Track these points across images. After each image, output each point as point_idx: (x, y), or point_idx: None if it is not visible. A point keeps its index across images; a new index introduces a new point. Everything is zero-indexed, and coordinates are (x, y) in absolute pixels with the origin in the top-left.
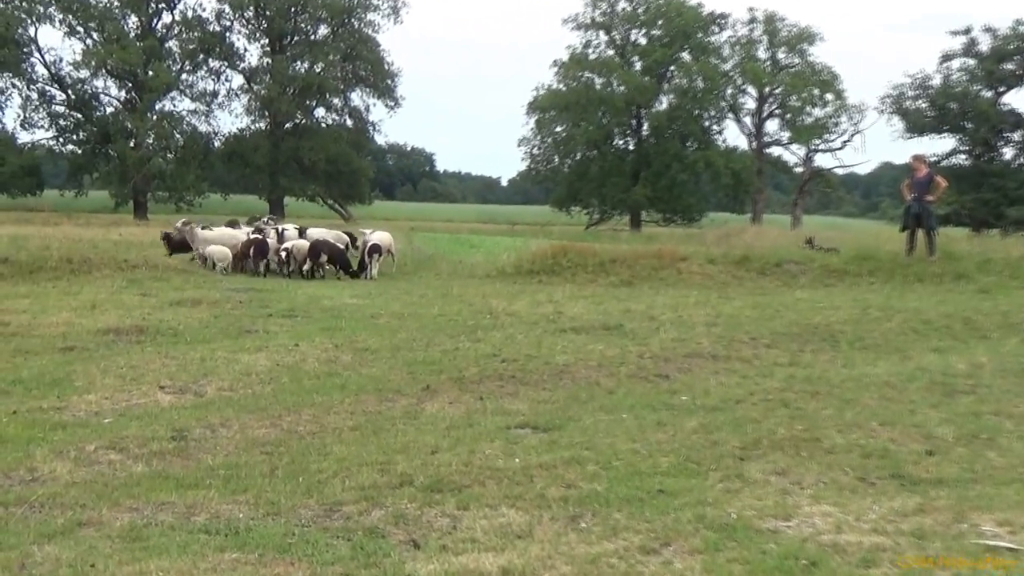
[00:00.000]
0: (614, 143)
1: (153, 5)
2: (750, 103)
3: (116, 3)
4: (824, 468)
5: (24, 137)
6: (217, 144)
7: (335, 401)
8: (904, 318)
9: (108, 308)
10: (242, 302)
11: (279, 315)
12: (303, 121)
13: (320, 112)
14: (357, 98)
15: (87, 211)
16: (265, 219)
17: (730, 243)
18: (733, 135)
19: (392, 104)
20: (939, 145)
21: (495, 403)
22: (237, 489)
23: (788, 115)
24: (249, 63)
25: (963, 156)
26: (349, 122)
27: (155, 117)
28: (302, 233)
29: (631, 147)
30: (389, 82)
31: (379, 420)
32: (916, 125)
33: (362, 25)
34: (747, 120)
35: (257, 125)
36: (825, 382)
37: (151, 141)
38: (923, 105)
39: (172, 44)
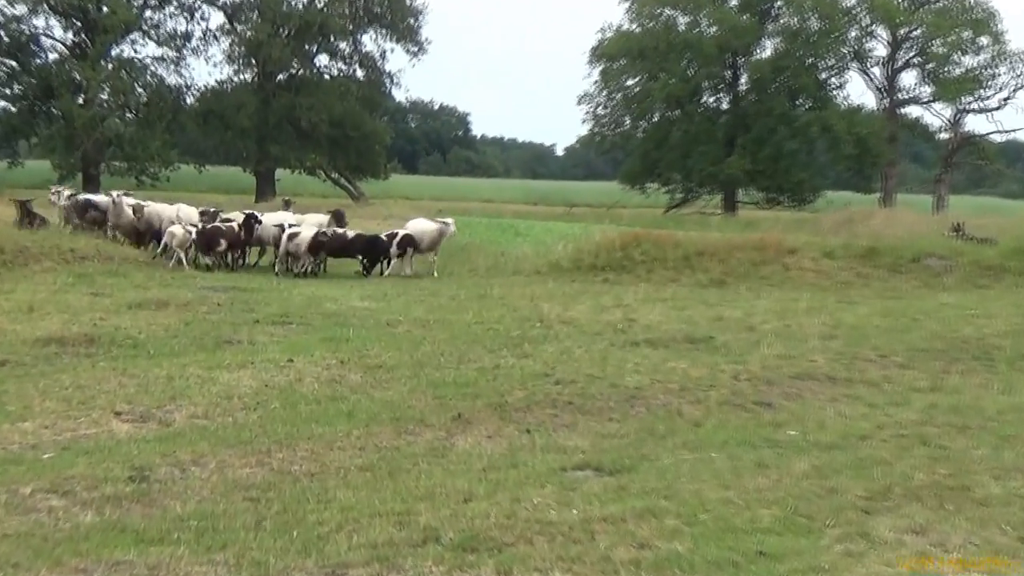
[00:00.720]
0: (702, 101)
1: None
2: (880, 49)
3: None
4: (975, 525)
5: None
6: (190, 101)
7: (340, 433)
8: None
9: (49, 311)
10: (220, 304)
11: (268, 321)
12: (300, 71)
13: (323, 60)
14: (370, 41)
15: (23, 186)
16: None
17: (853, 231)
18: (858, 91)
19: (415, 49)
20: None
21: (546, 437)
22: (213, 546)
23: (930, 65)
24: None
25: None
26: (360, 73)
27: (111, 66)
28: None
29: (725, 106)
30: (411, 21)
31: (396, 458)
32: None
33: None
34: (876, 71)
35: (241, 76)
36: (977, 413)
37: (105, 96)
38: None
39: None
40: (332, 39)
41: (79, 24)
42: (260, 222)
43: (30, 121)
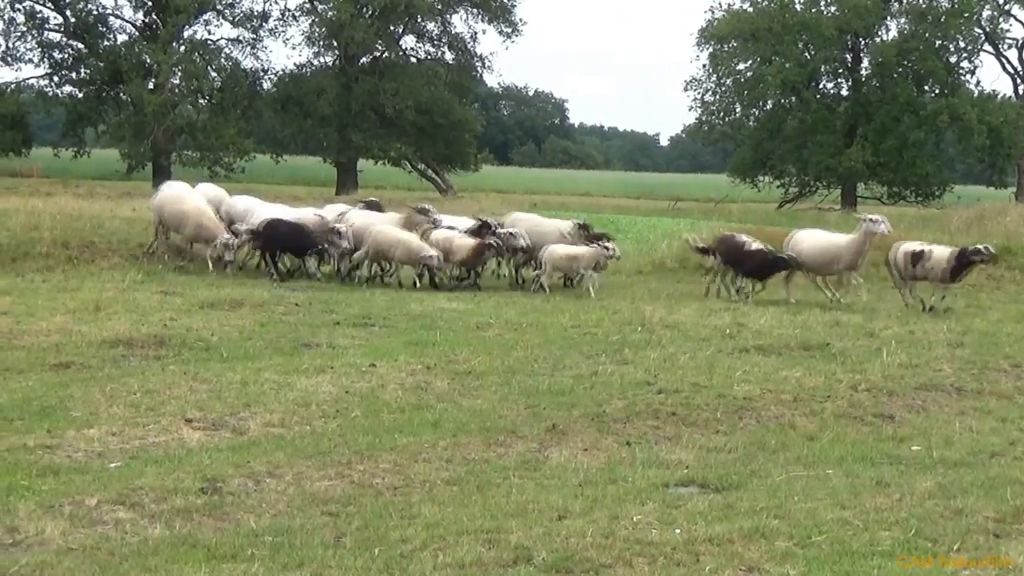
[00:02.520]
0: (820, 87)
1: None
2: (1016, 30)
3: None
4: None
5: (5, 75)
6: (267, 86)
7: (425, 444)
8: None
9: (117, 311)
10: (298, 305)
11: (349, 324)
12: (385, 54)
13: (409, 42)
14: (460, 22)
15: (90, 177)
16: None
17: (984, 229)
18: (991, 76)
19: (509, 31)
20: None
21: (647, 451)
22: (290, 563)
23: None
24: None
25: None
26: (449, 56)
27: (183, 48)
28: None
29: (844, 93)
30: (505, 0)
31: (485, 471)
32: None
33: None
34: (1011, 55)
35: (322, 60)
36: None
37: (177, 81)
38: None
39: None
40: (419, 19)
41: (150, 3)
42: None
43: (97, 107)
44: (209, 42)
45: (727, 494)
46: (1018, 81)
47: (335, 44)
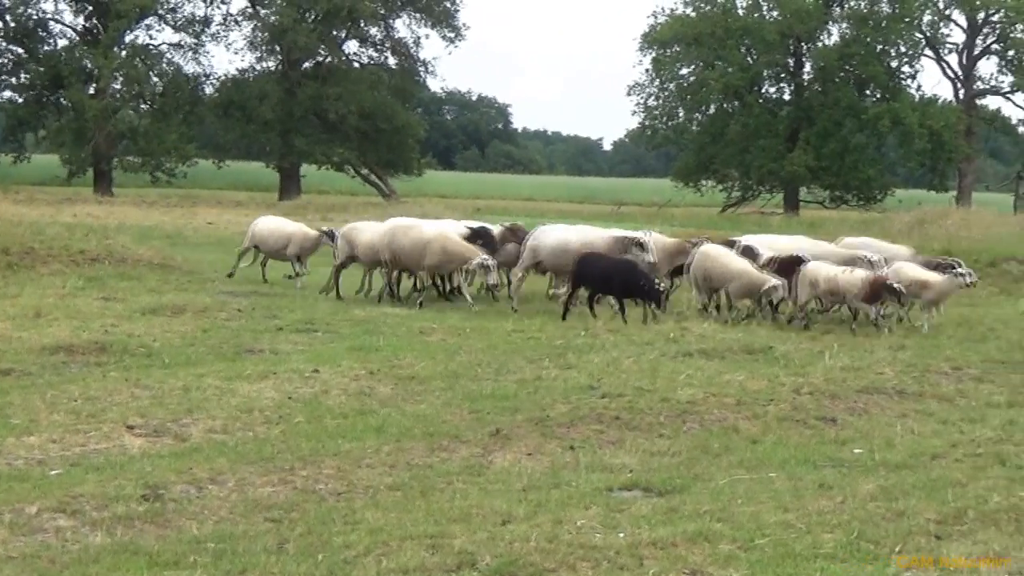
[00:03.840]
0: (763, 91)
1: None
2: (956, 35)
3: None
4: None
5: None
6: (209, 91)
7: (368, 449)
8: None
9: (57, 317)
10: (241, 311)
11: (292, 329)
12: (328, 59)
13: (352, 47)
14: (403, 27)
15: (30, 183)
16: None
17: (925, 233)
18: (931, 81)
19: (452, 35)
20: None
21: (591, 455)
22: (232, 570)
23: (1010, 52)
24: None
25: None
26: (392, 61)
27: (124, 53)
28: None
29: (787, 97)
30: (448, 4)
31: (429, 476)
32: None
33: None
34: (951, 59)
35: (264, 64)
36: None
37: (119, 86)
38: None
39: None
40: (362, 24)
41: (90, 8)
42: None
43: (37, 113)
44: (151, 47)
45: (670, 498)
46: (958, 85)
47: (278, 49)
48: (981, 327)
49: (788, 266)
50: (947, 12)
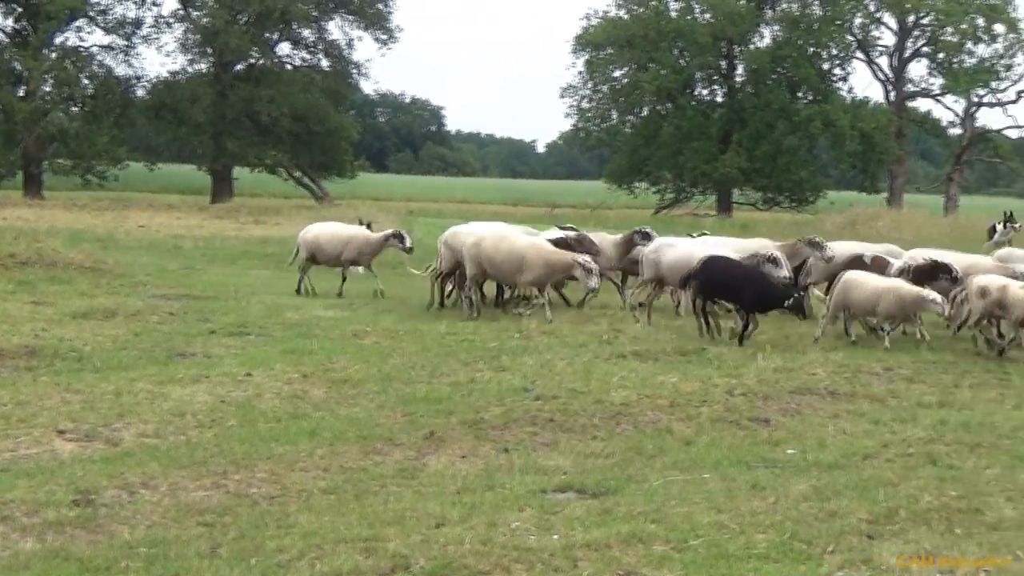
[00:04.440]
0: (695, 93)
1: None
2: (887, 38)
3: None
4: (987, 551)
5: None
6: (140, 93)
7: (302, 453)
8: None
9: None
10: (173, 314)
11: (225, 333)
12: (260, 61)
13: (284, 49)
14: (336, 29)
15: None
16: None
17: (858, 233)
18: (863, 83)
19: (385, 38)
20: None
21: (525, 457)
22: (165, 575)
23: (940, 55)
24: None
25: None
26: (325, 63)
27: (54, 55)
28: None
29: (720, 99)
30: (380, 6)
31: (363, 480)
32: None
33: None
34: (882, 62)
35: (196, 67)
36: (989, 430)
37: (48, 88)
38: None
39: None
40: (295, 26)
41: (20, 10)
42: None
43: None
44: (81, 49)
45: (604, 499)
46: (889, 88)
47: (209, 51)
48: (911, 327)
49: (927, 275)
50: (878, 15)
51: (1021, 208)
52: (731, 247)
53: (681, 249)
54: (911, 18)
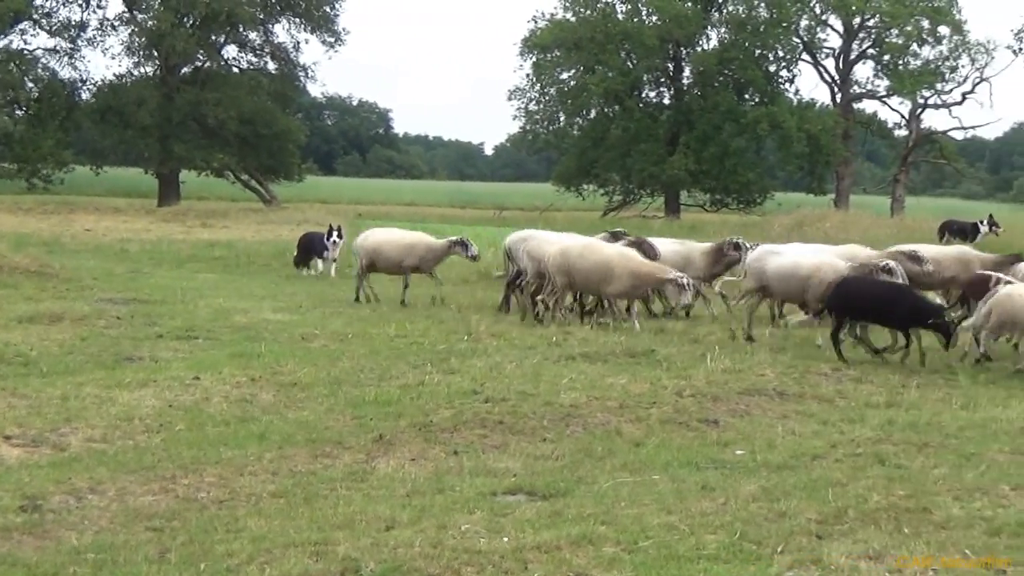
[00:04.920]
0: (643, 95)
1: None
2: (833, 40)
3: None
4: (935, 550)
5: None
6: (86, 96)
7: (251, 457)
8: None
9: None
10: (120, 318)
11: (172, 336)
12: (206, 64)
13: (231, 52)
14: (282, 32)
15: None
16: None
17: (805, 235)
18: (809, 85)
19: (332, 40)
20: None
21: (475, 459)
22: None
23: (886, 57)
24: None
25: None
26: (272, 66)
27: None
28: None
29: (667, 101)
30: (327, 9)
31: (312, 483)
32: None
33: None
34: (828, 64)
35: (142, 70)
36: (936, 430)
37: None
38: None
39: None
40: (241, 29)
41: None
42: None
43: None
44: (25, 52)
45: (554, 501)
46: (835, 89)
47: (155, 54)
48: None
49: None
50: (824, 17)
51: (965, 209)
52: (831, 253)
53: (787, 256)
54: (857, 20)
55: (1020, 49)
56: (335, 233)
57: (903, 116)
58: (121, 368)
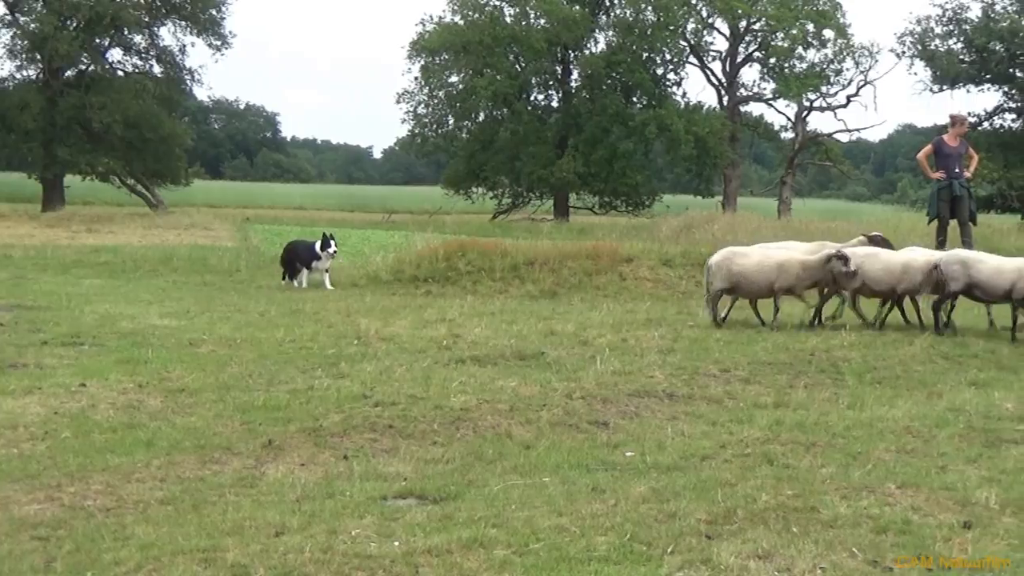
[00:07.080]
0: (532, 99)
1: None
2: (720, 43)
3: None
4: (823, 548)
5: None
6: None
7: (138, 464)
8: (932, 341)
9: None
10: (4, 325)
11: (58, 343)
12: (91, 68)
13: (115, 55)
14: (168, 35)
15: None
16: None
17: (693, 238)
18: (696, 88)
19: (218, 43)
20: (979, 101)
21: (365, 464)
22: None
23: (772, 60)
24: None
25: (1012, 115)
26: (157, 69)
27: None
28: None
29: (555, 104)
30: (213, 12)
31: (201, 490)
32: (947, 73)
33: None
34: (715, 67)
35: (24, 73)
36: (824, 429)
37: None
38: (956, 46)
39: None
40: (126, 32)
41: None
42: None
43: None
44: None
45: (445, 505)
46: (722, 92)
47: (38, 57)
48: (749, 330)
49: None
50: (710, 20)
51: (850, 211)
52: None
53: (991, 263)
54: (743, 24)
55: (903, 52)
56: (332, 243)
57: (789, 119)
58: (5, 376)
